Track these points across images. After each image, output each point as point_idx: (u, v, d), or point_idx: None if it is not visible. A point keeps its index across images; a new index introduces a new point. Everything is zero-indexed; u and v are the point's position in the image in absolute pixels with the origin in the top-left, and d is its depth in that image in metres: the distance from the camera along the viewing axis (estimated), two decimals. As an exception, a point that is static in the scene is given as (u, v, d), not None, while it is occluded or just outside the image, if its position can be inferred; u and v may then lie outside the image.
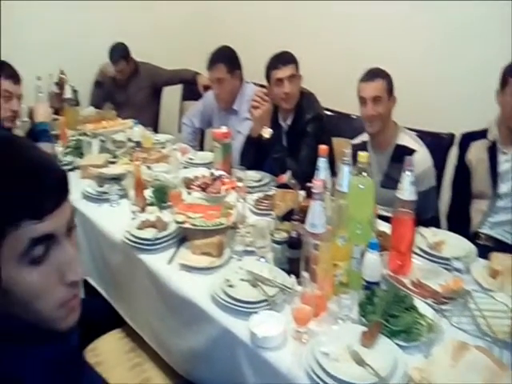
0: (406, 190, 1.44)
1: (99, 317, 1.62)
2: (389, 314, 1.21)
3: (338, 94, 2.54)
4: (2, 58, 2.30)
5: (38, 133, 2.31)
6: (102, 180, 2.10)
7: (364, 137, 2.13)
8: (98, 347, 1.56)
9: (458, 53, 2.58)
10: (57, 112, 2.95)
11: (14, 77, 2.23)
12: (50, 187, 0.71)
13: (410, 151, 1.91)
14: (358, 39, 2.92)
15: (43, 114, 2.41)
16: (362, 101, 1.99)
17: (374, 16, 2.82)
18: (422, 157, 1.95)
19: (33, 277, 0.70)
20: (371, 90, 1.96)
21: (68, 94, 3.06)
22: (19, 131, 2.51)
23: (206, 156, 2.43)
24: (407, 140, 2.01)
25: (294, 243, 1.42)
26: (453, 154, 2.19)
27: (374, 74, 1.99)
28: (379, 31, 2.82)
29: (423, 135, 2.14)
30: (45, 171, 0.72)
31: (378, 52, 2.66)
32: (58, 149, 2.48)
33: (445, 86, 2.62)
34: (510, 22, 2.32)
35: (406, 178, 1.44)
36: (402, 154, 1.51)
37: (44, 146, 1.91)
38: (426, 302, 1.30)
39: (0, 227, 0.67)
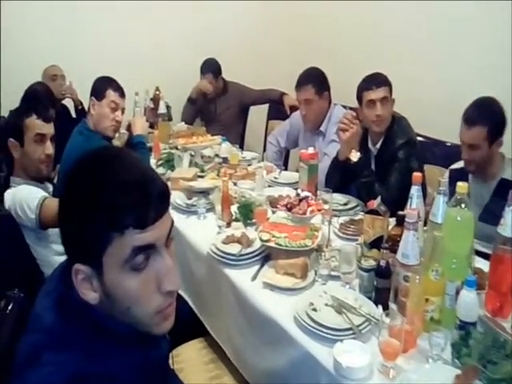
0: (509, 227, 1.34)
1: (185, 323, 1.67)
2: (487, 359, 1.12)
3: (431, 120, 2.46)
4: (105, 75, 2.52)
5: (135, 144, 2.48)
6: (190, 193, 2.19)
7: None
8: (180, 354, 1.61)
9: None
10: (151, 126, 3.15)
11: (120, 90, 2.43)
12: (153, 199, 0.75)
13: None
14: (452, 66, 2.80)
15: (141, 127, 2.59)
16: (461, 143, 1.89)
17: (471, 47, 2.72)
18: None
19: (133, 283, 0.74)
20: (468, 137, 1.84)
21: (162, 109, 3.26)
22: (117, 142, 2.71)
23: (291, 176, 2.44)
24: None
25: (383, 272, 1.37)
26: None
27: (475, 117, 1.83)
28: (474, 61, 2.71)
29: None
30: (150, 183, 0.76)
31: (471, 79, 2.56)
32: (152, 161, 2.64)
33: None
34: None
35: (510, 214, 1.34)
36: (507, 189, 1.41)
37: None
38: (529, 351, 1.19)
39: (107, 233, 0.72)
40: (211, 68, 3.48)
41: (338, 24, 3.58)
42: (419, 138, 2.31)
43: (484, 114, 1.84)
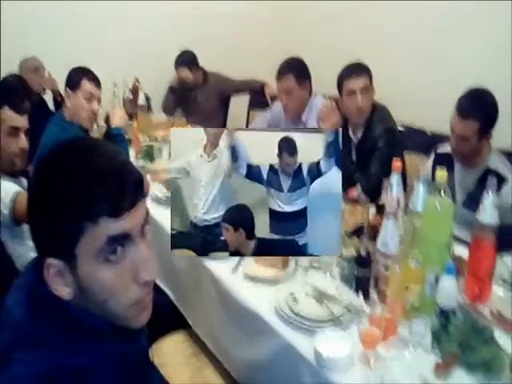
0: (488, 213, 1.35)
1: (164, 315, 1.64)
2: (466, 345, 1.13)
3: (412, 108, 2.45)
4: (84, 65, 2.46)
5: (114, 137, 2.42)
6: (170, 185, 2.15)
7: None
8: (161, 348, 1.59)
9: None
10: (130, 117, 3.08)
11: (96, 80, 2.37)
12: (128, 187, 0.73)
13: (501, 179, 1.77)
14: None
15: (119, 118, 2.52)
16: (451, 132, 1.88)
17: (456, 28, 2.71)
18: None
19: (108, 274, 0.72)
20: (460, 129, 1.83)
21: (141, 100, 3.20)
22: (96, 134, 2.65)
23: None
24: (499, 166, 1.86)
25: (363, 261, 1.37)
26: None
27: (469, 109, 1.80)
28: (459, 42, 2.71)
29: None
30: (124, 172, 0.74)
31: (458, 64, 2.56)
32: (131, 153, 2.59)
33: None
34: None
35: (488, 200, 1.35)
36: None
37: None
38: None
39: (80, 223, 0.70)
40: (185, 61, 3.42)
41: (322, 13, 3.55)
42: (399, 127, 2.31)
43: (477, 106, 1.82)
